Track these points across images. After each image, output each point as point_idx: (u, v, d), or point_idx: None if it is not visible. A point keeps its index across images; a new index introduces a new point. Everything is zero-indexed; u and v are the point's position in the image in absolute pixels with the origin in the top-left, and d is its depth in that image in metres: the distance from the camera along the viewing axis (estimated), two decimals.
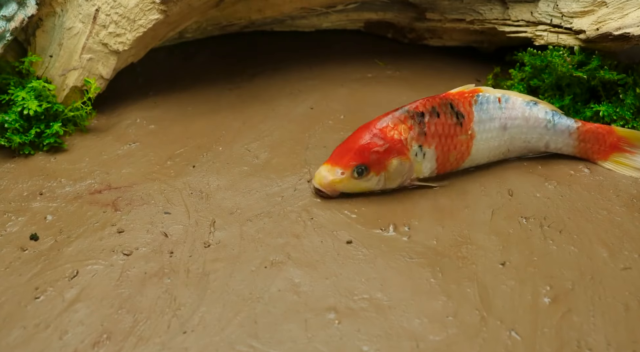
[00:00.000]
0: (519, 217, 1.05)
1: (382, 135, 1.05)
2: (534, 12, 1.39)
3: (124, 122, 1.33)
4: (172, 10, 1.27)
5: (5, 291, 0.89)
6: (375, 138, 1.06)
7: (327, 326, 0.84)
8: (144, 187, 1.12)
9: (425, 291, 0.90)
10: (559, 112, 1.17)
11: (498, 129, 1.13)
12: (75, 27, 1.27)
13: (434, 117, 1.08)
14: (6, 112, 1.20)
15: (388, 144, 1.05)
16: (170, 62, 1.61)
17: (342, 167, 1.05)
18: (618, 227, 1.02)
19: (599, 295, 0.89)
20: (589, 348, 0.81)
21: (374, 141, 1.05)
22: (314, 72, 1.55)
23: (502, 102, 1.13)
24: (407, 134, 1.06)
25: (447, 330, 0.83)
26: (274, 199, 1.09)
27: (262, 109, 1.38)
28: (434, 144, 1.08)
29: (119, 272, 0.93)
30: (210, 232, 1.01)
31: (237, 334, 0.83)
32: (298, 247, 0.98)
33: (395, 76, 1.54)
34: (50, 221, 1.03)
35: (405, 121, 1.07)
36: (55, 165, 1.18)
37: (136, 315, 0.85)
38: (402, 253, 0.96)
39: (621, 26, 1.24)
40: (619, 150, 1.17)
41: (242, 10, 1.55)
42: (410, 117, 1.07)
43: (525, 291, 0.90)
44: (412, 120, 1.07)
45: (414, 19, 1.60)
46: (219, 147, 1.24)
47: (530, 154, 1.20)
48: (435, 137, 1.08)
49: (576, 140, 1.17)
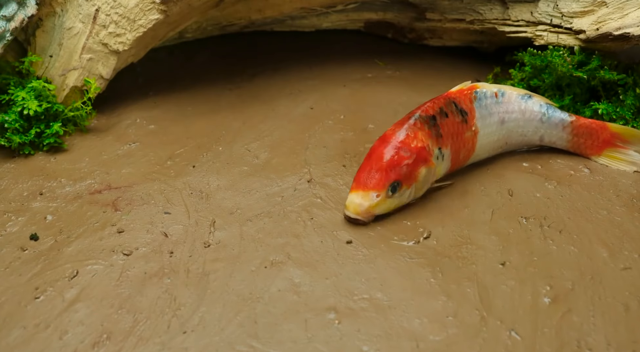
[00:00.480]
0: (519, 217, 1.05)
1: (407, 147, 1.02)
2: (534, 12, 1.39)
3: (124, 122, 1.33)
4: (172, 10, 1.27)
5: (5, 291, 0.89)
6: (401, 151, 1.02)
7: (327, 326, 0.84)
8: (144, 187, 1.12)
9: (425, 291, 0.90)
10: (553, 105, 1.17)
11: (497, 124, 1.14)
12: (75, 27, 1.27)
13: (444, 118, 1.07)
14: (6, 112, 1.20)
15: (415, 154, 1.02)
16: (170, 62, 1.61)
17: (376, 189, 1.00)
18: (618, 227, 1.02)
19: (599, 295, 0.89)
20: (589, 348, 0.81)
21: (401, 155, 1.02)
22: (314, 72, 1.55)
23: (498, 96, 1.14)
24: (428, 140, 1.04)
25: (447, 330, 0.83)
26: (274, 199, 1.09)
27: (262, 109, 1.38)
28: (449, 145, 1.08)
29: (119, 272, 0.93)
30: (210, 232, 1.01)
31: (237, 334, 0.83)
32: (298, 247, 0.98)
33: (395, 76, 1.54)
34: (50, 221, 1.03)
35: (422, 128, 1.05)
36: (55, 165, 1.18)
37: (136, 315, 0.85)
38: (402, 253, 0.96)
39: (621, 26, 1.24)
40: (612, 146, 1.18)
41: (242, 10, 1.55)
42: (425, 122, 1.05)
43: (525, 291, 0.90)
44: (428, 125, 1.05)
45: (414, 19, 1.60)
46: (219, 147, 1.24)
47: (525, 147, 1.21)
48: (449, 138, 1.07)
49: (570, 134, 1.17)
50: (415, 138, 1.04)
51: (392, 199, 1.02)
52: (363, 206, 1.00)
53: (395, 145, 1.03)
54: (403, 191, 1.02)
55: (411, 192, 1.04)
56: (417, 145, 1.03)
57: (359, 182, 1.02)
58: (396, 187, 1.01)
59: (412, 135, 1.04)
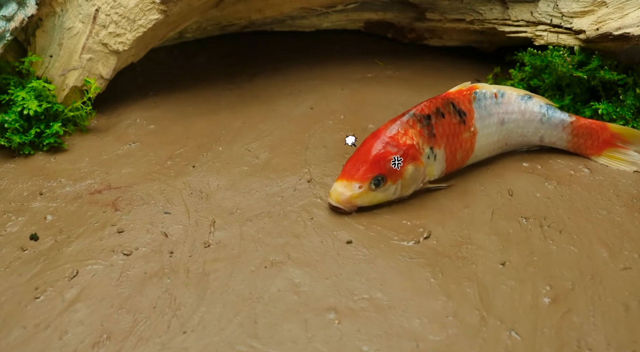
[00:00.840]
0: (519, 217, 1.05)
1: (395, 143, 1.04)
2: (534, 12, 1.39)
3: (124, 122, 1.33)
4: (172, 10, 1.27)
5: (5, 291, 0.89)
6: (388, 146, 1.03)
7: (327, 326, 0.84)
8: (144, 187, 1.12)
9: (425, 291, 0.90)
10: (553, 105, 1.17)
11: (497, 124, 1.14)
12: (75, 27, 1.27)
13: (440, 118, 1.08)
14: (6, 112, 1.20)
15: (402, 150, 1.03)
16: (170, 62, 1.61)
17: (359, 180, 1.02)
18: (618, 227, 1.02)
19: (599, 295, 0.89)
20: (589, 348, 0.81)
21: (387, 149, 1.03)
22: (314, 72, 1.55)
23: (498, 97, 1.14)
24: (419, 138, 1.05)
25: (447, 330, 0.83)
26: (274, 199, 1.09)
27: (262, 109, 1.38)
28: (443, 145, 1.08)
29: (119, 272, 0.93)
30: (210, 232, 1.01)
31: (237, 334, 0.83)
32: (298, 247, 0.98)
33: (395, 76, 1.54)
34: (50, 221, 1.03)
35: (414, 126, 1.06)
36: (55, 166, 1.18)
37: (136, 315, 0.85)
38: (402, 253, 0.96)
39: (621, 26, 1.24)
40: (612, 146, 1.18)
41: (242, 10, 1.55)
42: (418, 120, 1.06)
43: (525, 291, 0.90)
44: (420, 123, 1.06)
45: (414, 19, 1.60)
46: (219, 147, 1.24)
47: (525, 147, 1.21)
48: (443, 138, 1.08)
49: (570, 135, 1.17)
50: (405, 135, 1.05)
51: (375, 193, 1.03)
52: (345, 195, 1.02)
53: (384, 140, 1.04)
54: (387, 186, 1.03)
55: (397, 188, 1.04)
56: (405, 142, 1.04)
57: (344, 172, 1.04)
58: (380, 181, 1.02)
59: (402, 132, 1.05)
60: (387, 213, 1.05)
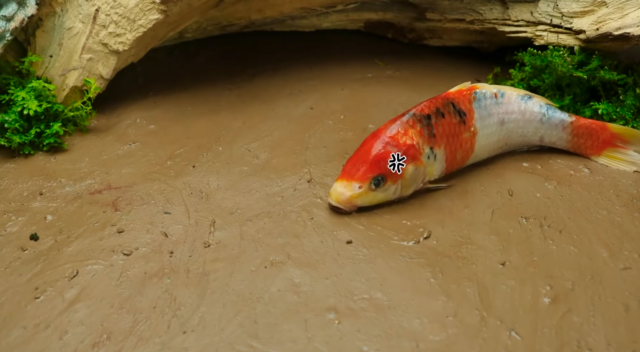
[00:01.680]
0: (519, 217, 1.05)
1: (395, 143, 1.04)
2: (534, 12, 1.39)
3: (124, 122, 1.33)
4: (172, 10, 1.27)
5: (5, 291, 0.89)
6: (388, 146, 1.03)
7: (327, 326, 0.84)
8: (144, 187, 1.12)
9: (425, 291, 0.90)
10: (553, 105, 1.17)
11: (497, 124, 1.14)
12: (75, 27, 1.27)
13: (440, 118, 1.08)
14: (6, 112, 1.20)
15: (402, 150, 1.03)
16: (170, 62, 1.61)
17: (359, 180, 1.02)
18: (618, 227, 1.02)
19: (599, 295, 0.89)
20: (589, 348, 0.81)
21: (388, 149, 1.03)
22: (314, 72, 1.55)
23: (498, 97, 1.14)
24: (419, 138, 1.05)
25: (447, 330, 0.83)
26: (274, 199, 1.09)
27: (262, 109, 1.38)
28: (443, 145, 1.08)
29: (119, 272, 0.93)
30: (210, 232, 1.01)
31: (237, 334, 0.83)
32: (298, 247, 0.98)
33: (395, 76, 1.54)
34: (50, 221, 1.03)
35: (414, 126, 1.06)
36: (55, 166, 1.18)
37: (136, 315, 0.85)
38: (402, 253, 0.96)
39: (621, 26, 1.24)
40: (612, 146, 1.18)
41: (242, 10, 1.55)
42: (418, 120, 1.06)
43: (525, 291, 0.90)
44: (420, 123, 1.06)
45: (414, 19, 1.60)
46: (219, 147, 1.24)
47: (525, 147, 1.21)
48: (443, 138, 1.08)
49: (570, 135, 1.17)
50: (405, 135, 1.05)
51: (376, 193, 1.03)
52: (345, 195, 1.02)
53: (384, 140, 1.04)
54: (387, 186, 1.03)
55: (397, 188, 1.04)
56: (406, 142, 1.04)
57: (345, 172, 1.04)
58: (380, 181, 1.02)
59: (402, 132, 1.05)
60: (387, 213, 1.05)
